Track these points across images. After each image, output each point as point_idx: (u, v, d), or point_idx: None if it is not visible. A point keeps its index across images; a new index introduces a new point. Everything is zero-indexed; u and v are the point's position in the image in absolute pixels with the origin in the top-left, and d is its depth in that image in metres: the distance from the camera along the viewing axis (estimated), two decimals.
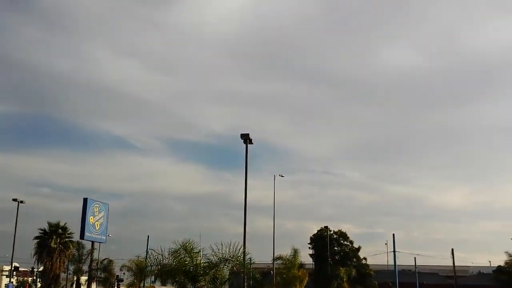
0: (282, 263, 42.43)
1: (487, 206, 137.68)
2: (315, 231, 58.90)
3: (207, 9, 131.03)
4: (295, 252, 42.37)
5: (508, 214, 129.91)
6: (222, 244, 17.58)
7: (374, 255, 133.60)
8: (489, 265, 74.86)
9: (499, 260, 58.65)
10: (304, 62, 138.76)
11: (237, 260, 18.15)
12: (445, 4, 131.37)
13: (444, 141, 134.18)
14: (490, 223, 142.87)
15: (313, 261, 57.53)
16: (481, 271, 72.41)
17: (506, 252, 45.08)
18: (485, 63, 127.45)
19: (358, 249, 56.47)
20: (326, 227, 58.05)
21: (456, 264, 57.14)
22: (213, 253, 17.82)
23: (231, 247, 17.65)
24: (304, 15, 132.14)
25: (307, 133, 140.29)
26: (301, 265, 45.50)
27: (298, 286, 42.14)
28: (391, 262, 53.70)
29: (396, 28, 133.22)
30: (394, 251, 52.10)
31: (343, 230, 58.27)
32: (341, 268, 52.34)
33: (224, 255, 17.73)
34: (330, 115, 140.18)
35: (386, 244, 64.57)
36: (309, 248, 58.21)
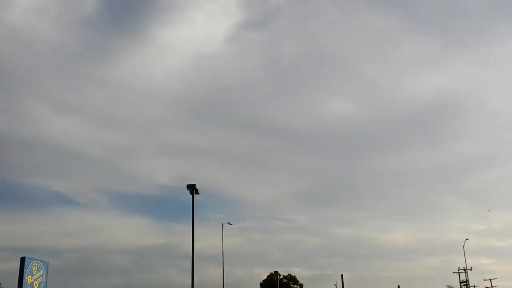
0: None
1: (429, 243, 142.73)
2: (265, 277, 58.48)
3: (153, 65, 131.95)
4: None
5: (448, 249, 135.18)
6: None
7: None
8: None
9: None
10: (248, 115, 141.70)
11: None
12: (378, 60, 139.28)
13: (383, 185, 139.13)
14: (432, 259, 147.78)
15: None
16: None
17: (448, 286, 46.51)
18: (417, 111, 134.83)
19: None
20: (275, 272, 57.74)
21: None
22: None
23: None
24: (247, 72, 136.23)
25: (254, 181, 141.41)
26: None
27: None
28: None
29: (334, 82, 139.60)
30: None
31: (293, 274, 58.17)
32: None
33: None
34: (276, 164, 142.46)
35: (335, 285, 64.83)
36: None
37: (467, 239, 64.20)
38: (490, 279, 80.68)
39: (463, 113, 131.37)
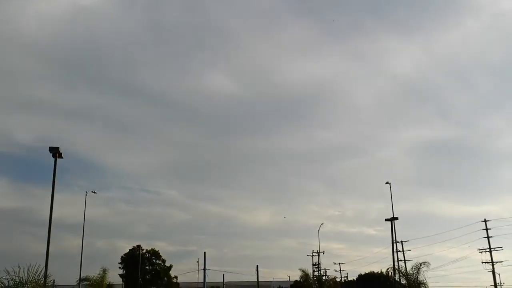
0: (89, 284, 40.38)
1: (288, 225, 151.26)
2: (127, 250, 57.56)
3: (22, 9, 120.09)
4: (104, 272, 40.82)
5: (305, 232, 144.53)
6: (19, 267, 16.20)
7: (186, 273, 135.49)
8: (288, 280, 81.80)
9: (296, 274, 64.61)
10: (124, 78, 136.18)
11: (36, 284, 16.86)
12: (262, 39, 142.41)
13: (252, 165, 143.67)
14: (290, 240, 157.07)
15: (122, 281, 55.89)
16: (281, 286, 78.66)
17: (300, 269, 49.84)
18: (290, 95, 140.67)
19: (170, 267, 56.77)
20: (138, 246, 57.11)
21: (260, 279, 61.07)
22: (8, 277, 16.29)
23: (31, 269, 16.36)
24: (127, 32, 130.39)
25: (123, 149, 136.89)
26: (110, 286, 43.97)
27: None
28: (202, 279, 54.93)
29: (215, 55, 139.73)
30: (204, 269, 53.46)
31: (156, 249, 58.08)
32: None
33: (22, 279, 16.32)
34: (148, 133, 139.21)
35: (197, 261, 66.07)
36: (120, 268, 56.50)
37: (322, 224, 69.07)
38: (339, 263, 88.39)
39: (330, 103, 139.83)
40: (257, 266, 61.36)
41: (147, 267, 56.00)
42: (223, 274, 66.57)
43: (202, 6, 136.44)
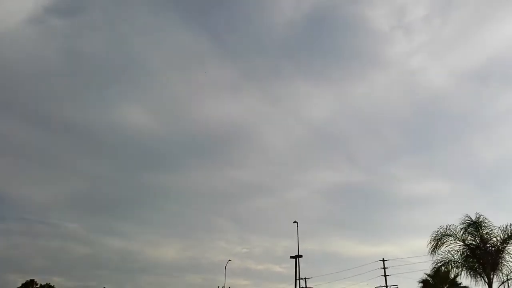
0: None
1: (195, 261, 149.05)
2: (20, 285, 53.42)
3: None
4: None
5: (212, 268, 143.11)
6: None
7: None
8: None
9: None
10: (31, 105, 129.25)
11: None
12: (182, 77, 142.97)
13: (161, 201, 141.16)
14: (195, 276, 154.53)
15: None
16: None
17: None
18: (206, 134, 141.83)
19: None
20: (32, 280, 53.26)
21: None
22: None
23: None
24: (45, 60, 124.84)
25: (23, 178, 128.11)
26: None
27: None
28: None
29: (132, 89, 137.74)
30: None
31: (52, 284, 54.47)
32: None
33: None
34: (52, 162, 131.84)
35: None
36: None
37: (229, 260, 69.16)
38: None
39: (244, 143, 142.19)
40: None
41: None
42: None
43: (125, 39, 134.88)
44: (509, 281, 24.83)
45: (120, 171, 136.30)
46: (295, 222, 50.13)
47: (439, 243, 25.00)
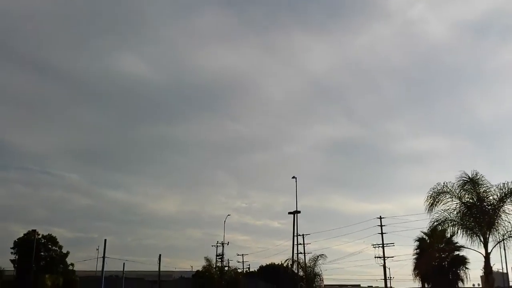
0: None
1: (195, 215, 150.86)
2: (22, 235, 54.10)
3: None
4: None
5: (210, 223, 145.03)
6: None
7: (84, 260, 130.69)
8: (190, 270, 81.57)
9: (200, 265, 64.71)
10: (31, 52, 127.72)
11: None
12: (180, 25, 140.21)
13: (162, 152, 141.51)
14: (196, 230, 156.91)
15: (14, 267, 52.48)
16: (183, 276, 78.22)
17: (205, 257, 50.02)
18: (203, 86, 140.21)
19: (67, 254, 54.16)
20: (34, 230, 53.84)
21: (162, 269, 60.34)
22: None
23: None
24: (37, 3, 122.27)
25: (24, 128, 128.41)
26: (0, 272, 41.40)
27: None
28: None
29: (129, 38, 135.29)
30: (103, 257, 51.72)
31: (54, 235, 55.14)
32: (46, 276, 49.14)
33: None
34: (53, 113, 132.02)
35: (97, 249, 63.82)
36: (12, 253, 53.01)
37: (228, 215, 69.77)
38: (242, 255, 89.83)
39: (242, 94, 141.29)
40: (160, 255, 60.65)
41: (42, 253, 52.96)
42: (124, 263, 64.96)
43: None
44: (505, 241, 24.67)
45: (120, 122, 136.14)
46: (293, 177, 50.00)
47: (436, 201, 24.69)
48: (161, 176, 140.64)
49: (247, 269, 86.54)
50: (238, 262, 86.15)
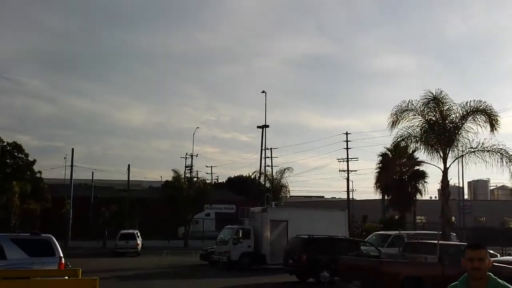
0: None
1: (162, 127, 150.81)
2: None
3: None
4: None
5: (178, 134, 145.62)
6: None
7: (51, 168, 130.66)
8: (160, 180, 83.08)
9: (168, 175, 65.67)
10: None
11: None
12: None
13: (129, 62, 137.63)
14: (163, 142, 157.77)
15: None
16: (152, 185, 79.69)
17: (173, 170, 50.77)
18: None
19: (33, 162, 53.85)
20: None
21: (131, 179, 61.08)
22: None
23: None
24: None
25: None
26: None
27: None
28: (69, 177, 53.32)
29: None
30: (71, 165, 51.88)
31: (19, 142, 54.39)
32: (14, 182, 49.08)
33: None
34: (13, 15, 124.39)
35: (65, 158, 63.74)
36: None
37: (197, 127, 70.15)
38: (211, 166, 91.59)
39: (213, 3, 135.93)
40: (129, 165, 61.28)
41: (7, 161, 52.51)
42: (92, 172, 65.39)
43: None
44: (463, 157, 25.67)
45: (85, 27, 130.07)
46: (263, 92, 50.01)
47: (399, 118, 25.18)
48: (126, 86, 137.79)
49: (216, 180, 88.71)
50: (207, 173, 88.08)
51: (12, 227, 41.46)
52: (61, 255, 14.47)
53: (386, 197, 51.94)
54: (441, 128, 24.88)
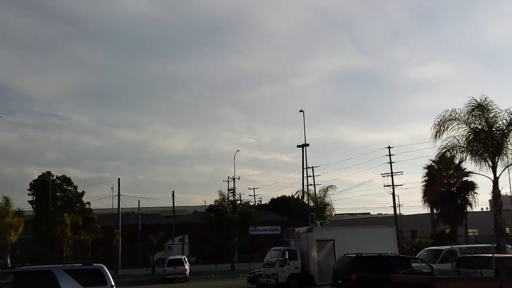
0: None
1: (204, 152, 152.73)
2: (37, 177, 55.42)
3: None
4: (7, 199, 41.17)
5: (220, 159, 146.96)
6: None
7: (99, 199, 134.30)
8: (204, 205, 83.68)
9: (211, 200, 66.14)
10: None
11: None
12: None
13: (168, 90, 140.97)
14: (206, 167, 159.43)
15: (33, 207, 54.18)
16: (197, 210, 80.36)
17: (219, 191, 51.00)
18: (205, 20, 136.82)
19: (82, 194, 55.56)
20: (48, 172, 55.06)
21: (175, 205, 61.90)
22: None
23: None
24: None
25: (28, 70, 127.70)
26: (19, 212, 43.28)
27: (13, 234, 40.17)
28: (116, 206, 54.71)
29: None
30: (118, 195, 53.21)
31: (67, 176, 56.32)
32: (65, 214, 50.73)
33: None
34: (56, 53, 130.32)
35: (112, 188, 65.35)
36: (29, 194, 54.63)
37: (238, 150, 70.48)
38: (253, 188, 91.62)
39: (244, 28, 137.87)
40: (173, 191, 62.05)
41: (58, 194, 54.37)
42: (139, 200, 66.70)
43: None
44: None
45: (124, 60, 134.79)
46: (301, 111, 49.85)
47: (443, 128, 24.51)
48: (167, 114, 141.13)
49: (259, 202, 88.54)
50: (250, 195, 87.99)
51: (65, 258, 42.68)
52: (113, 283, 14.74)
53: (435, 211, 50.41)
54: (487, 136, 24.06)
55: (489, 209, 64.91)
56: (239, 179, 71.97)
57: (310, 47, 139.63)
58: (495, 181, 24.38)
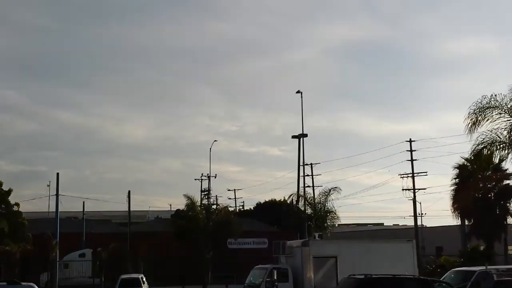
0: None
1: (171, 142, 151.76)
2: None
3: None
4: None
5: (192, 151, 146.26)
6: None
7: (31, 199, 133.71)
8: (169, 209, 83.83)
9: (179, 203, 66.18)
10: None
11: None
12: None
13: (125, 62, 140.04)
14: (173, 161, 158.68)
15: None
16: (160, 216, 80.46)
17: (185, 195, 50.50)
18: None
19: (9, 192, 55.08)
20: None
21: (133, 209, 61.85)
22: None
23: None
24: None
25: None
26: None
27: None
28: (54, 209, 54.38)
29: None
30: (57, 194, 52.75)
31: None
32: None
33: None
34: None
35: (48, 185, 65.02)
36: None
37: (215, 140, 70.44)
38: (234, 190, 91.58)
39: None
40: (129, 191, 61.80)
41: None
42: (83, 202, 66.46)
43: None
44: None
45: (68, 22, 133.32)
46: (298, 92, 50.07)
47: (480, 118, 24.87)
48: (123, 92, 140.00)
49: (241, 207, 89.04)
50: (229, 198, 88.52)
51: None
52: None
53: (466, 222, 51.10)
54: None
55: None
56: (215, 177, 72.32)
57: (311, 12, 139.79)
58: None
